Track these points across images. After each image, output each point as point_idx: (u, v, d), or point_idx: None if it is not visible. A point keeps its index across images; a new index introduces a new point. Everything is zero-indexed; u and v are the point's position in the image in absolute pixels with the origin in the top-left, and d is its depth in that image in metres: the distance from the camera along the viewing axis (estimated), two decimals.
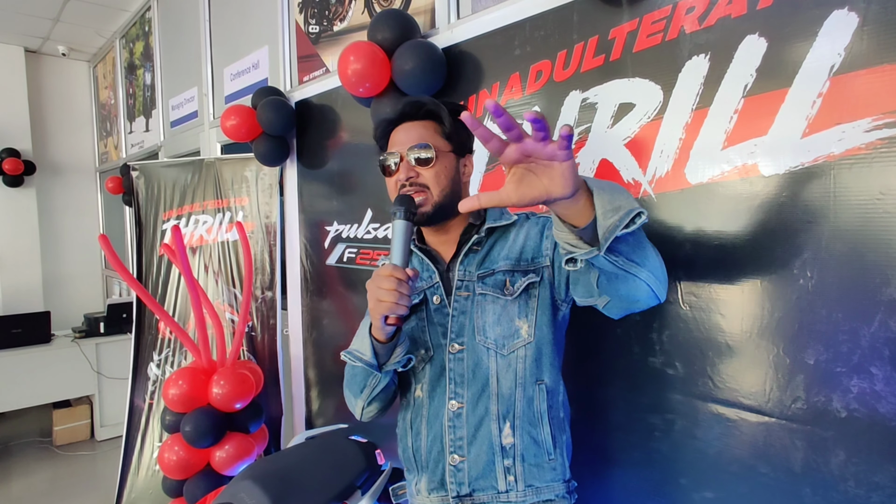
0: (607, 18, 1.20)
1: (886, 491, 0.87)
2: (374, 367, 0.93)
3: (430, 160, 0.98)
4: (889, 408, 0.87)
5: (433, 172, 0.98)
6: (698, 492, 1.10)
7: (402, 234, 0.89)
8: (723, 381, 1.06)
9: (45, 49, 4.91)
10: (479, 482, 0.98)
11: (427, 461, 1.02)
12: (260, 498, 1.21)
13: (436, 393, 1.01)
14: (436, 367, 1.01)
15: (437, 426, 1.00)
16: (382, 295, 0.85)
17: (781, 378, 0.98)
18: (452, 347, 1.00)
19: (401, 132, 1.02)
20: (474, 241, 1.02)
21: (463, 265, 1.02)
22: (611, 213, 0.69)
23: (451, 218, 1.03)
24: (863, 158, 0.87)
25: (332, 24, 2.10)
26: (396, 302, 0.85)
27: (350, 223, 2.05)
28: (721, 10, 1.02)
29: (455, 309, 1.01)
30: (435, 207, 0.99)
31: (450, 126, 1.01)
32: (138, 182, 2.61)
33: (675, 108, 1.09)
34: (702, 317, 1.08)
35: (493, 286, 0.99)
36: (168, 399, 1.95)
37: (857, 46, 0.87)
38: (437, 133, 1.01)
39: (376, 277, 0.87)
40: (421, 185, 0.98)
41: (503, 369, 0.98)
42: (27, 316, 3.66)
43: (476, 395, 0.99)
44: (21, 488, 3.20)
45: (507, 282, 0.99)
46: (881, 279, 0.86)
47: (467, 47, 1.53)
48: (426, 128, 1.01)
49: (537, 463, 0.98)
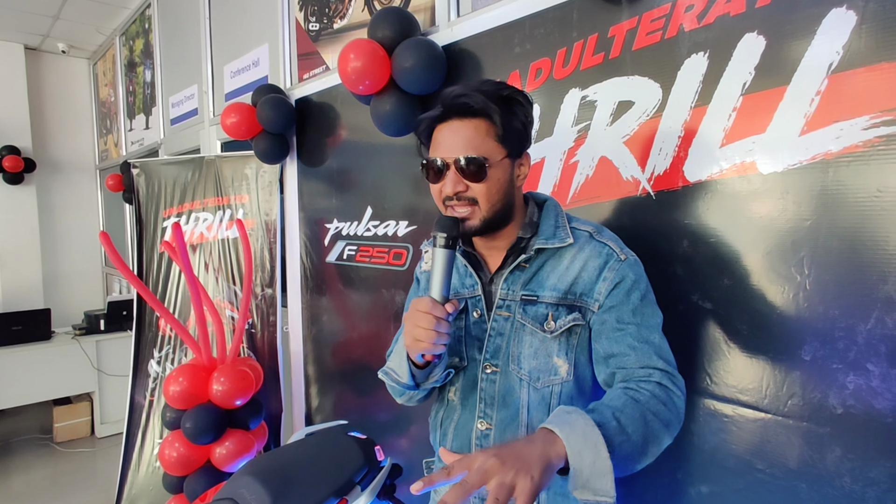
0: (607, 16, 1.20)
1: (882, 486, 0.88)
2: (411, 388, 0.93)
3: (482, 174, 0.86)
4: (885, 404, 0.87)
5: (484, 187, 0.87)
6: (694, 486, 1.11)
7: (443, 263, 0.84)
8: (720, 378, 1.06)
9: (45, 46, 4.91)
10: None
11: None
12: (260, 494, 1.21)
13: (467, 403, 0.98)
14: (469, 378, 0.98)
15: (464, 437, 0.98)
16: (420, 334, 0.82)
17: (778, 374, 0.98)
18: (487, 367, 0.95)
19: (447, 133, 0.89)
20: (521, 259, 0.93)
21: (507, 283, 0.94)
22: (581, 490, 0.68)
23: (502, 228, 0.94)
24: (860, 156, 0.88)
25: (332, 22, 2.10)
26: (433, 342, 0.82)
27: (350, 220, 2.05)
28: (720, 8, 1.03)
29: (493, 329, 0.95)
30: (483, 223, 0.90)
31: (504, 126, 0.88)
32: (139, 180, 2.61)
33: (674, 105, 1.10)
34: (699, 313, 1.08)
35: (533, 318, 0.92)
36: (169, 396, 1.96)
37: (855, 44, 0.87)
38: (490, 136, 0.88)
39: (414, 313, 0.84)
40: (469, 198, 0.88)
41: (535, 402, 0.92)
42: (28, 313, 3.67)
43: (505, 422, 0.94)
44: (21, 484, 3.21)
45: (550, 316, 0.91)
46: (878, 276, 0.87)
47: (467, 45, 1.53)
48: (478, 130, 0.87)
49: (563, 493, 0.94)
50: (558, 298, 0.91)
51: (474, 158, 0.86)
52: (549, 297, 0.91)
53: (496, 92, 0.88)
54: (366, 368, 2.05)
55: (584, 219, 0.99)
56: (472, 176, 0.87)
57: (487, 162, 0.86)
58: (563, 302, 0.91)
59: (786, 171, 0.95)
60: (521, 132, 0.91)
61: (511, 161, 0.91)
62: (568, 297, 0.91)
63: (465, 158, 0.86)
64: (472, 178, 0.87)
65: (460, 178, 0.87)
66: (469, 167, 0.86)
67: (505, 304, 0.94)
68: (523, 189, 0.98)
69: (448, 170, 0.88)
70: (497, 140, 0.88)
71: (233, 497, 1.22)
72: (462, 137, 0.87)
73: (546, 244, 0.92)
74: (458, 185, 0.87)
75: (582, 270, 0.91)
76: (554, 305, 0.91)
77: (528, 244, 0.94)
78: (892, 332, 0.86)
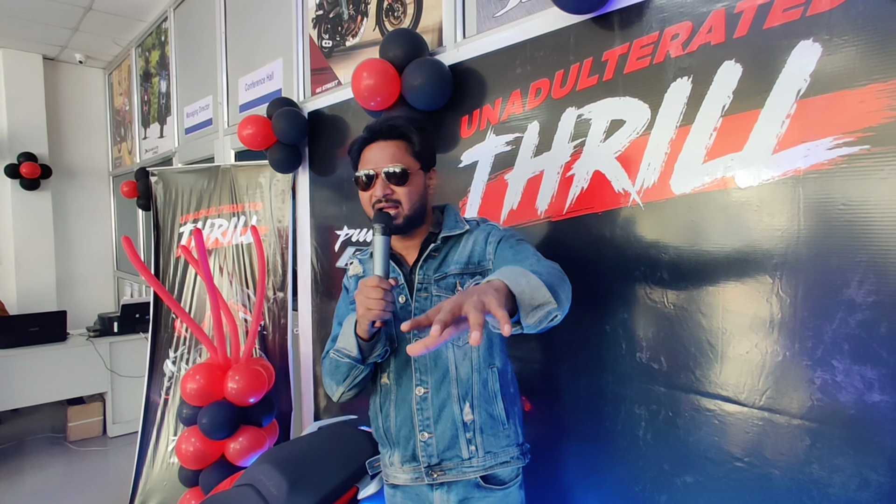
0: (601, 42, 1.31)
1: (846, 472, 0.97)
2: (358, 362, 1.09)
3: (404, 179, 1.09)
4: (848, 397, 0.96)
5: (406, 190, 1.09)
6: (679, 477, 1.20)
7: (383, 247, 1.03)
8: (703, 375, 1.16)
9: (62, 57, 5.07)
10: (446, 453, 1.14)
11: (398, 438, 1.17)
12: (278, 480, 1.31)
13: (402, 380, 1.16)
14: (401, 358, 1.15)
15: (406, 408, 1.15)
16: (371, 304, 0.99)
17: (755, 371, 1.08)
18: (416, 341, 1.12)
19: (375, 150, 1.11)
20: (432, 248, 1.14)
21: (422, 270, 1.14)
22: (531, 313, 0.82)
23: (417, 227, 1.15)
24: (826, 173, 0.97)
25: (344, 40, 2.21)
26: (383, 309, 1.00)
27: (358, 228, 2.15)
28: (702, 38, 1.13)
29: (416, 308, 1.13)
30: (405, 220, 1.10)
31: (418, 145, 1.12)
32: (157, 187, 2.72)
33: (662, 124, 1.20)
34: (684, 315, 1.18)
35: (445, 288, 1.13)
36: (186, 393, 2.06)
37: (820, 73, 0.98)
38: (408, 153, 1.11)
39: (364, 288, 1.01)
40: (394, 200, 1.09)
41: (460, 359, 1.14)
42: (44, 315, 3.77)
43: (439, 382, 1.13)
44: (36, 482, 3.30)
45: (458, 284, 1.12)
46: (842, 281, 0.96)
47: (472, 65, 1.64)
48: (399, 147, 1.11)
49: (494, 433, 1.15)
50: (461, 269, 1.13)
51: (399, 168, 1.09)
52: (454, 269, 1.13)
53: (412, 121, 1.15)
54: None
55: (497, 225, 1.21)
56: (397, 181, 1.09)
57: (408, 171, 1.09)
58: (466, 271, 1.13)
59: (760, 186, 1.05)
60: (430, 152, 1.16)
61: (424, 173, 1.15)
62: (469, 267, 1.13)
63: (391, 167, 1.09)
64: (397, 183, 1.09)
65: (387, 184, 1.09)
66: (394, 174, 1.09)
67: (423, 286, 1.14)
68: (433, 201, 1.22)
69: (377, 178, 1.10)
70: (413, 156, 1.12)
71: (252, 483, 1.32)
72: (388, 153, 1.10)
73: (450, 232, 1.16)
74: (385, 189, 1.09)
75: (474, 245, 1.15)
76: (459, 275, 1.13)
77: (437, 237, 1.16)
78: (854, 331, 0.95)
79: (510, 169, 1.52)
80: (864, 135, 0.93)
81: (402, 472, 1.18)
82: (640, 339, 1.25)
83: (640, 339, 1.25)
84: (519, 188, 1.50)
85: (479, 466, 1.14)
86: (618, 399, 1.30)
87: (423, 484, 1.16)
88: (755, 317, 1.07)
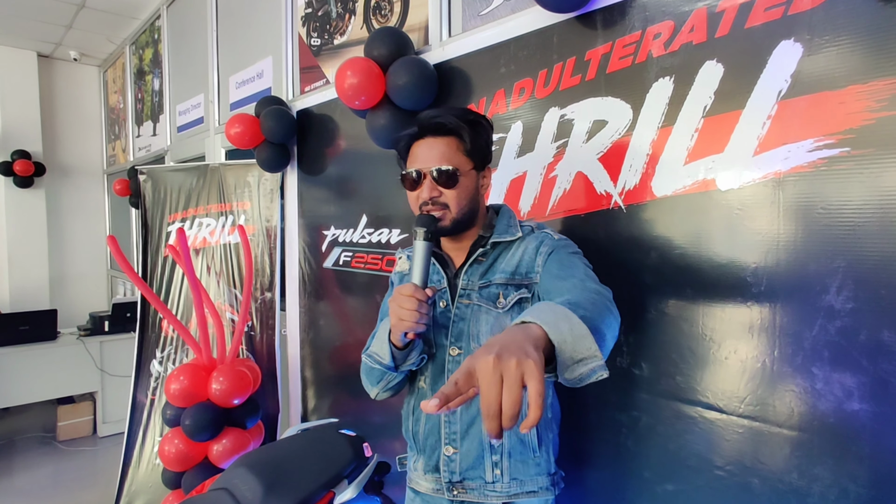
0: (584, 41, 1.29)
1: (825, 481, 0.95)
2: (391, 369, 1.03)
3: (453, 181, 1.01)
4: (827, 405, 0.94)
5: (455, 193, 1.01)
6: (660, 484, 1.17)
7: (424, 253, 0.96)
8: (685, 381, 1.13)
9: (56, 54, 5.05)
10: (469, 472, 1.07)
11: (424, 446, 1.11)
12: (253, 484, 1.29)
13: (436, 387, 1.08)
14: (437, 365, 1.08)
15: (435, 417, 1.09)
16: (404, 314, 0.93)
17: (735, 377, 1.06)
18: (452, 350, 1.06)
19: (424, 148, 1.03)
20: (479, 252, 1.06)
21: (467, 275, 1.07)
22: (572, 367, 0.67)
23: (467, 229, 1.08)
24: (806, 176, 0.95)
25: (332, 38, 2.19)
26: (416, 322, 0.93)
27: (346, 227, 2.14)
28: (684, 37, 1.11)
29: (456, 315, 1.06)
30: (453, 223, 1.03)
31: (471, 143, 1.02)
32: (145, 185, 2.70)
33: (643, 125, 1.18)
34: (665, 321, 1.16)
35: (487, 298, 1.05)
36: (169, 394, 2.04)
37: (801, 74, 0.96)
38: (460, 151, 1.02)
39: (398, 296, 0.94)
40: (442, 203, 1.01)
41: None
42: (34, 314, 3.75)
43: None
44: (25, 481, 3.28)
45: (501, 294, 1.04)
46: (821, 287, 0.94)
47: (457, 64, 1.62)
48: (449, 146, 1.02)
49: (523, 460, 1.07)
50: (506, 279, 1.05)
51: (447, 169, 1.00)
52: (499, 279, 1.05)
53: (464, 115, 1.04)
54: None
55: None
56: (445, 183, 1.01)
57: (458, 172, 1.01)
58: (511, 282, 1.04)
59: (741, 188, 1.03)
60: (484, 149, 1.07)
61: (476, 173, 1.06)
62: (515, 278, 1.05)
63: (439, 169, 1.00)
64: (445, 185, 1.01)
65: (435, 185, 1.01)
66: (442, 176, 1.01)
67: (466, 292, 1.07)
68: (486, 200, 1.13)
69: (424, 179, 1.02)
70: (465, 154, 1.03)
71: (227, 487, 1.30)
72: (437, 151, 1.02)
73: (500, 238, 1.07)
74: (432, 192, 1.01)
75: (524, 254, 1.06)
76: (503, 286, 1.04)
77: (486, 241, 1.08)
78: (833, 338, 0.93)
79: (493, 170, 1.50)
80: (845, 137, 0.91)
81: (424, 481, 1.12)
82: (622, 344, 1.23)
83: (622, 344, 1.23)
84: (502, 189, 1.48)
85: (502, 492, 1.06)
86: (599, 405, 1.28)
87: (444, 498, 1.10)
88: (735, 322, 1.05)
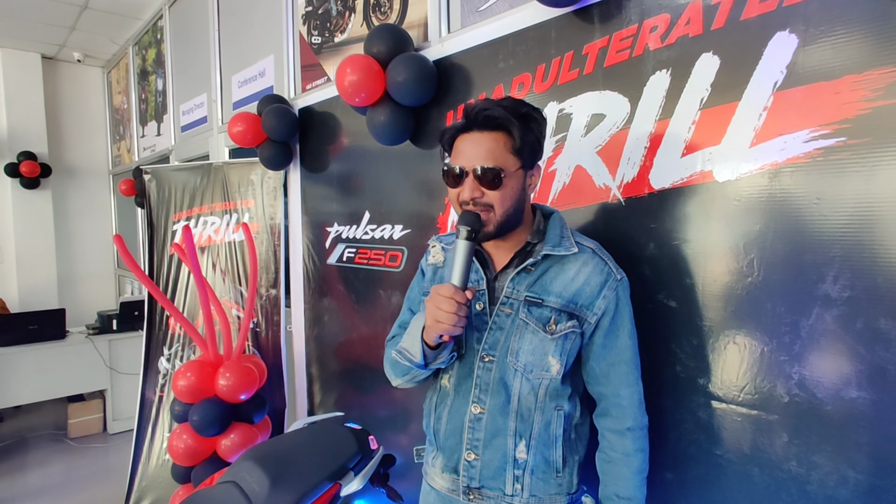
0: (581, 35, 1.29)
1: (824, 469, 0.96)
2: (420, 367, 1.00)
3: (497, 182, 0.94)
4: (825, 393, 0.95)
5: (499, 194, 0.94)
6: (660, 473, 1.19)
7: (465, 253, 0.91)
8: (684, 371, 1.15)
9: (60, 55, 5.08)
10: (489, 482, 1.05)
11: (444, 446, 1.10)
12: (260, 477, 1.31)
13: (461, 389, 1.06)
14: (465, 366, 1.05)
15: (458, 420, 1.07)
16: (441, 316, 0.90)
17: (733, 366, 1.07)
18: (485, 357, 1.03)
19: (469, 143, 0.96)
20: (529, 262, 1.00)
21: (513, 283, 1.01)
22: None
23: (512, 230, 1.02)
24: (802, 167, 0.96)
25: (333, 36, 2.21)
26: (454, 325, 0.90)
27: (349, 224, 2.15)
28: (680, 30, 1.12)
29: (495, 323, 1.02)
30: (497, 227, 0.97)
31: (521, 140, 0.95)
32: (150, 185, 2.73)
33: (641, 118, 1.19)
34: (665, 311, 1.17)
35: (537, 319, 1.00)
36: (177, 390, 2.07)
37: (797, 65, 0.96)
38: (507, 149, 0.95)
39: (435, 296, 0.91)
40: (485, 204, 0.95)
41: (526, 391, 1.02)
42: (43, 313, 3.80)
43: (497, 408, 1.03)
44: (37, 479, 3.33)
45: (553, 320, 0.99)
46: (817, 276, 0.95)
47: (457, 60, 1.63)
48: (496, 142, 0.94)
49: (545, 478, 1.05)
50: (562, 305, 1.00)
51: (492, 168, 0.93)
52: (554, 302, 1.00)
53: (515, 108, 0.96)
54: (365, 367, 2.15)
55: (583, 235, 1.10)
56: (489, 184, 0.94)
57: (503, 172, 0.94)
58: (566, 309, 1.00)
59: (738, 180, 1.04)
60: (535, 145, 0.98)
61: (524, 172, 0.99)
62: (570, 306, 1.00)
63: (483, 168, 0.93)
64: (489, 186, 0.94)
65: (477, 185, 0.95)
66: (486, 176, 0.93)
67: (509, 301, 1.02)
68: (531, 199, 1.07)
69: (466, 177, 0.95)
70: (513, 152, 0.95)
71: (235, 480, 1.32)
72: (483, 148, 0.94)
73: (552, 251, 1.00)
74: (474, 192, 0.95)
75: (585, 284, 1.00)
76: (558, 311, 0.99)
77: (534, 249, 1.02)
78: (830, 326, 0.94)
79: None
80: (841, 127, 0.91)
81: (440, 479, 1.11)
82: None
83: None
84: None
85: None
86: None
87: (459, 499, 1.08)
88: (734, 312, 1.06)
